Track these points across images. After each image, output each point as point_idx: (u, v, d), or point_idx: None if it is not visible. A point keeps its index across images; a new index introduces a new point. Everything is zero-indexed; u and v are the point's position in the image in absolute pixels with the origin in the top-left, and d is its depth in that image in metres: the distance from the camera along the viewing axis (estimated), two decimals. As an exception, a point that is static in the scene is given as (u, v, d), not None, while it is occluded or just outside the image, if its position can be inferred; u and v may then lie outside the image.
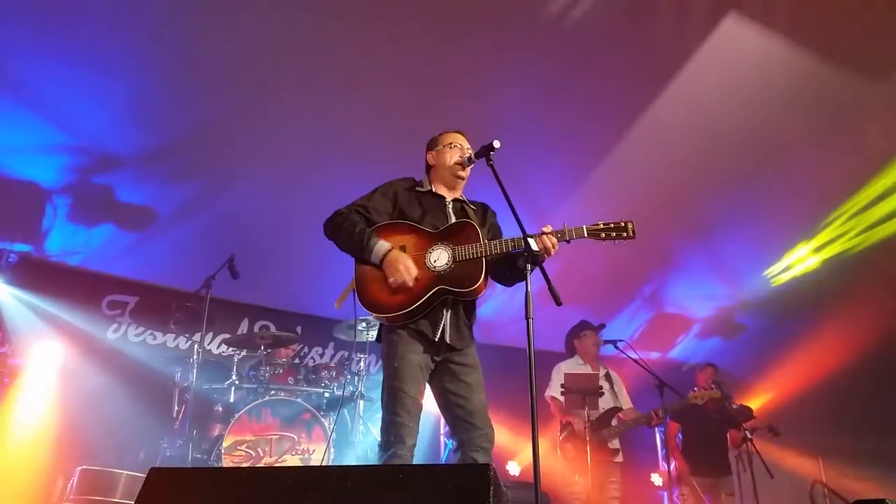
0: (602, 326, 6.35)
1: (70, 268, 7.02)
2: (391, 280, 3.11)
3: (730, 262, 7.68)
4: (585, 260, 6.28)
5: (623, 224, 3.15)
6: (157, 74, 5.32)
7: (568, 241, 3.12)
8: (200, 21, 4.95)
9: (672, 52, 5.22)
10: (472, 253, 3.12)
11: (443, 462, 6.34)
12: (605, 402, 5.93)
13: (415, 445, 3.01)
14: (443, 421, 4.01)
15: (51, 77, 5.27)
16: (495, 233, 3.50)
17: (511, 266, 3.24)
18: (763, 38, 5.02)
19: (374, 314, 3.20)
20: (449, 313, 3.17)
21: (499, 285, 3.47)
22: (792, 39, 5.06)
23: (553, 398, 6.03)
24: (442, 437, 6.63)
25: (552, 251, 3.06)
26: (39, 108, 5.50)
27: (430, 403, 3.29)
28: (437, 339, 3.12)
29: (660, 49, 5.18)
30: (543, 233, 3.08)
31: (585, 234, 3.14)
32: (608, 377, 6.17)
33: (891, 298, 7.53)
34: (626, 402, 6.13)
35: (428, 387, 3.23)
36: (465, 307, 3.26)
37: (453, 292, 3.11)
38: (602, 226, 3.15)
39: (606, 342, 6.23)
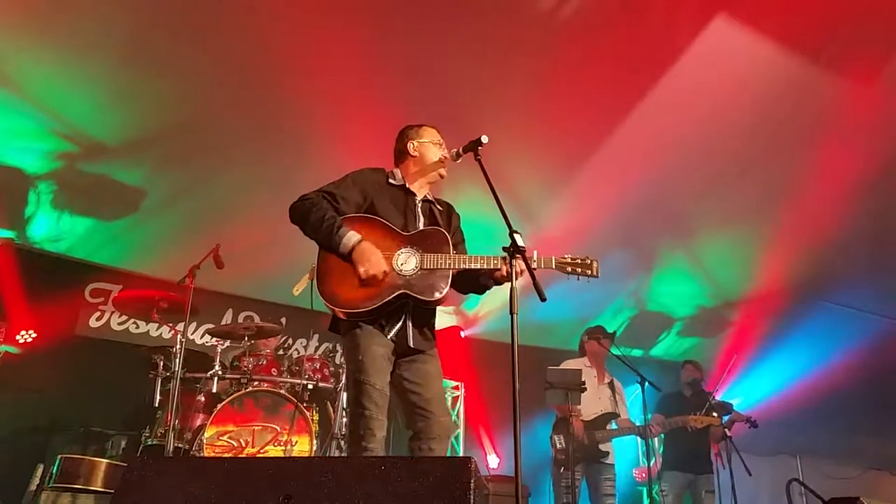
0: (614, 334, 6.38)
1: (54, 255, 6.97)
2: (362, 271, 3.05)
3: (711, 261, 7.76)
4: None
5: (588, 261, 3.22)
6: (144, 61, 5.28)
7: (534, 269, 3.06)
8: (188, 9, 4.92)
9: (660, 53, 5.24)
10: (440, 264, 3.11)
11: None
12: (602, 406, 6.05)
13: (385, 437, 3.00)
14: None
15: (35, 62, 5.22)
16: (458, 237, 3.49)
17: (472, 280, 3.30)
18: (751, 40, 5.05)
19: (332, 307, 3.11)
20: (409, 317, 3.17)
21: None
22: (779, 41, 5.09)
23: None
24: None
25: (519, 275, 2.98)
26: (23, 93, 5.45)
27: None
28: (392, 339, 3.12)
29: (647, 50, 5.19)
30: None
31: (553, 266, 3.20)
32: (611, 385, 6.27)
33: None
34: (624, 413, 6.22)
35: None
36: (426, 312, 3.26)
37: (415, 299, 3.10)
38: (570, 260, 3.21)
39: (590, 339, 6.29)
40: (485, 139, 3.15)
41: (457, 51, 5.28)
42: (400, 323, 3.15)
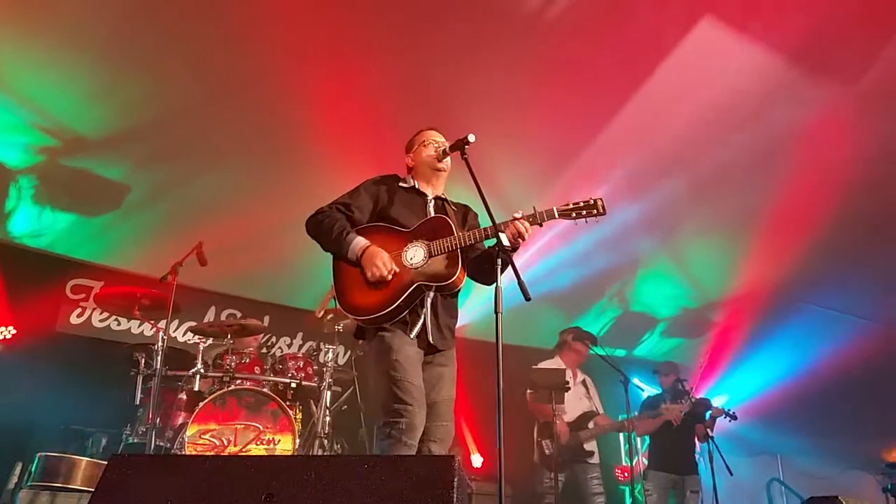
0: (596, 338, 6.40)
1: (34, 250, 6.90)
2: (369, 275, 3.10)
3: (694, 263, 7.80)
4: (554, 258, 6.35)
5: (593, 202, 3.15)
6: (128, 57, 5.24)
7: (540, 224, 3.16)
8: (172, 4, 4.89)
9: (645, 56, 5.26)
10: (447, 246, 3.13)
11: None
12: (582, 406, 6.06)
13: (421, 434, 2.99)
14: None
15: (16, 56, 5.16)
16: None
17: (488, 261, 3.22)
18: (736, 43, 5.08)
19: (356, 318, 3.17)
20: (429, 313, 3.16)
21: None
22: (765, 44, 5.12)
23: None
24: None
25: (525, 236, 3.10)
26: (4, 86, 5.39)
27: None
28: (415, 338, 3.12)
29: (633, 53, 5.21)
30: (515, 218, 3.11)
31: (556, 215, 3.16)
32: (584, 383, 6.29)
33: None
34: (600, 409, 6.24)
35: None
36: (446, 307, 3.25)
37: (432, 286, 3.12)
38: (572, 205, 3.16)
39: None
40: (472, 138, 3.15)
41: (443, 50, 5.27)
42: (421, 320, 3.15)
